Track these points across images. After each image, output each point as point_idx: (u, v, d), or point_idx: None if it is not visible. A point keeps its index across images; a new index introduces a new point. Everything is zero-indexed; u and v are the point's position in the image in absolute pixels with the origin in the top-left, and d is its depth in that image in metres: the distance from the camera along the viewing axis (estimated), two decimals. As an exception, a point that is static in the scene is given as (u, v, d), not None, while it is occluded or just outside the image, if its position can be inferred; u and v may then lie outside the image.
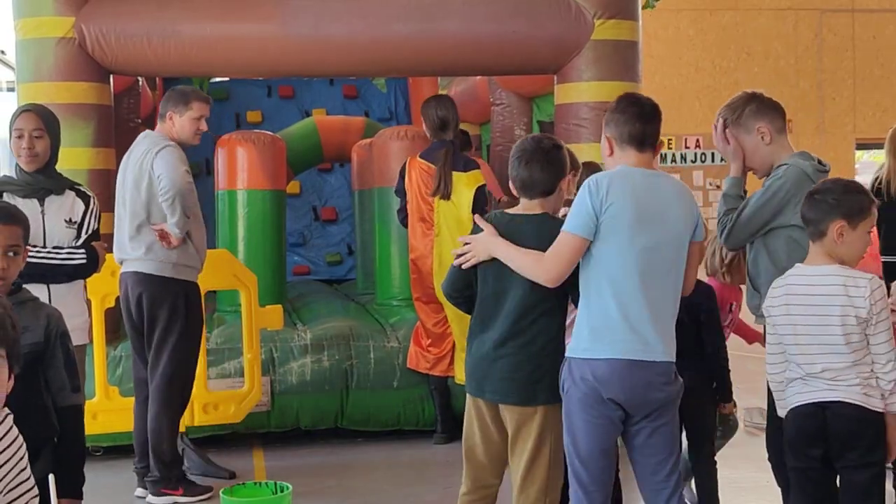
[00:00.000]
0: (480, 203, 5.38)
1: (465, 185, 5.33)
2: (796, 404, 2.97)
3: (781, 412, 3.09)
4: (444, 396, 5.48)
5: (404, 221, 5.55)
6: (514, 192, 3.16)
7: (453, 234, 5.34)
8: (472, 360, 3.14)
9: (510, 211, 3.17)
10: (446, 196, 5.33)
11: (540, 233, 3.04)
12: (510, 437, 3.10)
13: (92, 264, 3.93)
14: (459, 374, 5.38)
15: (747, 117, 3.30)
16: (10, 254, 2.73)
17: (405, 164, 5.53)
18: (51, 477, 2.73)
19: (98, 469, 5.08)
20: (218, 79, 8.80)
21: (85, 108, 5.30)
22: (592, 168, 4.50)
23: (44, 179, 3.94)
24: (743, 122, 3.30)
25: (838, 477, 2.98)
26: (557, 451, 3.06)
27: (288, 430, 5.53)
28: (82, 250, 3.89)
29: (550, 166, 3.08)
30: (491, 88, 7.28)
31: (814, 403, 2.92)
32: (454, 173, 5.33)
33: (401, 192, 5.53)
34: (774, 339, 3.06)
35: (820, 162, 3.30)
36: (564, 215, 3.14)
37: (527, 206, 3.12)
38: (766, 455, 3.39)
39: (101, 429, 4.99)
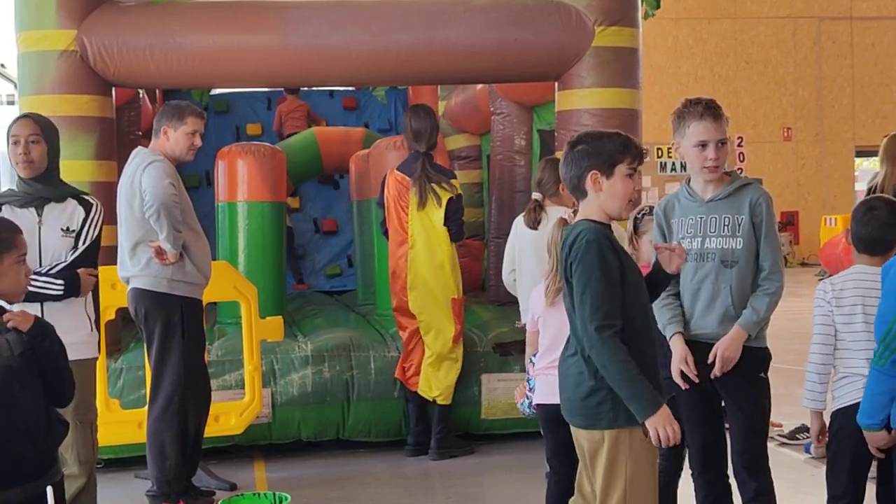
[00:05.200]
0: (454, 213, 5.37)
1: (440, 196, 5.35)
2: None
3: (819, 405, 3.25)
4: (417, 408, 5.47)
5: (387, 234, 5.59)
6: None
7: (428, 245, 5.36)
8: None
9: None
10: (427, 206, 5.34)
11: None
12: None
13: (71, 293, 3.77)
14: (423, 387, 5.41)
15: (726, 121, 3.36)
16: (23, 263, 2.76)
17: (385, 175, 5.57)
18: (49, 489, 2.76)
19: (99, 482, 5.05)
20: (218, 91, 8.82)
21: (87, 120, 5.32)
22: None
23: (42, 188, 3.86)
24: (725, 123, 3.34)
25: None
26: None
27: (289, 441, 5.53)
28: (60, 282, 3.73)
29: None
30: (491, 98, 7.29)
31: None
32: (432, 186, 5.36)
33: (382, 204, 5.57)
34: (830, 329, 3.21)
35: None
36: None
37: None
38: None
39: (103, 441, 4.95)
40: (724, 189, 3.28)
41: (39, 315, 3.17)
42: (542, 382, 3.71)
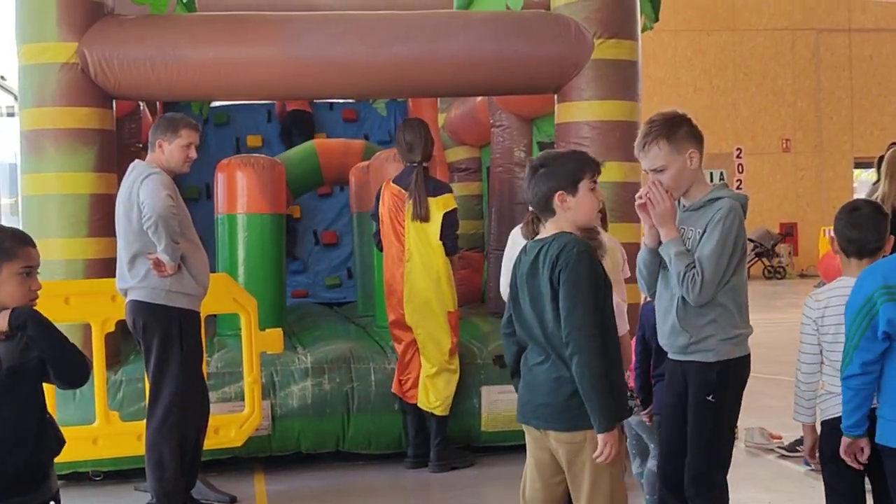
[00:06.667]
0: (450, 227, 5.39)
1: (434, 210, 5.36)
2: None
3: (809, 419, 3.29)
4: (416, 421, 5.47)
5: (379, 245, 5.60)
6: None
7: (423, 258, 5.37)
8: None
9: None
10: (425, 219, 5.35)
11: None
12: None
13: None
14: (422, 399, 5.40)
15: (682, 137, 3.22)
16: (27, 275, 2.74)
17: (381, 188, 5.59)
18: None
19: (99, 494, 5.07)
20: (218, 103, 8.84)
21: (87, 133, 5.32)
22: None
23: None
24: (678, 140, 3.21)
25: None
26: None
27: (289, 453, 5.52)
28: None
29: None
30: (490, 110, 7.31)
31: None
32: (427, 200, 5.36)
33: (376, 216, 5.59)
34: (816, 348, 3.23)
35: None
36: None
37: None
38: (767, 475, 3.42)
39: (102, 454, 4.98)
40: (697, 201, 3.25)
41: None
42: None
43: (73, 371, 2.76)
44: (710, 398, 3.21)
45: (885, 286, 2.80)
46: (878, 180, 4.92)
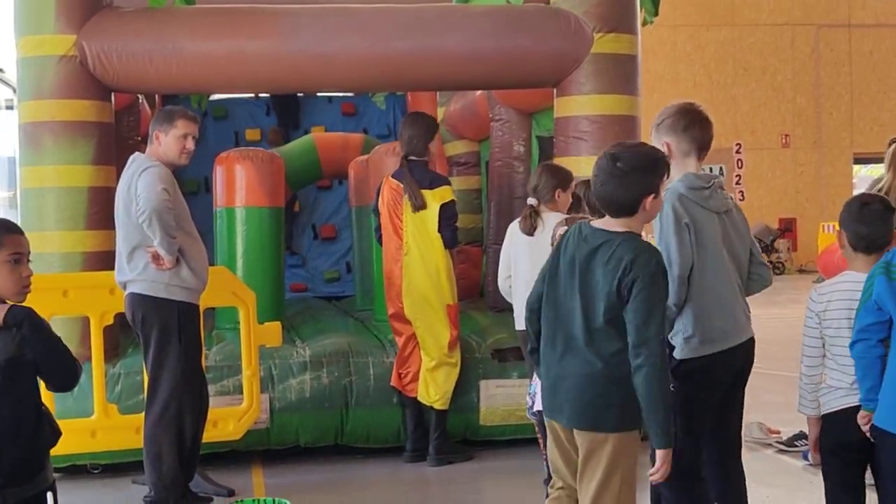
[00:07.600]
0: (448, 219, 5.38)
1: (430, 201, 5.36)
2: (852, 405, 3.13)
3: (812, 411, 3.28)
4: (415, 414, 5.47)
5: (380, 240, 5.60)
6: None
7: (422, 252, 5.37)
8: None
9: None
10: (422, 206, 5.34)
11: None
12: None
13: None
14: (422, 392, 5.40)
15: (663, 127, 3.32)
16: (16, 263, 2.74)
17: (381, 183, 5.60)
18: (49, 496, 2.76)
19: (97, 487, 5.08)
20: (217, 96, 8.84)
21: (86, 125, 5.31)
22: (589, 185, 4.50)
23: None
24: (659, 130, 3.32)
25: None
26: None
27: (287, 447, 5.52)
28: None
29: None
30: (490, 104, 7.31)
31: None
32: (421, 191, 5.36)
33: (377, 210, 5.60)
34: (818, 342, 3.25)
35: (706, 177, 3.26)
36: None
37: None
38: (766, 470, 3.42)
39: (100, 446, 4.98)
40: None
41: None
42: None
43: (63, 377, 2.78)
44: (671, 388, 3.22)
45: (886, 262, 2.96)
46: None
